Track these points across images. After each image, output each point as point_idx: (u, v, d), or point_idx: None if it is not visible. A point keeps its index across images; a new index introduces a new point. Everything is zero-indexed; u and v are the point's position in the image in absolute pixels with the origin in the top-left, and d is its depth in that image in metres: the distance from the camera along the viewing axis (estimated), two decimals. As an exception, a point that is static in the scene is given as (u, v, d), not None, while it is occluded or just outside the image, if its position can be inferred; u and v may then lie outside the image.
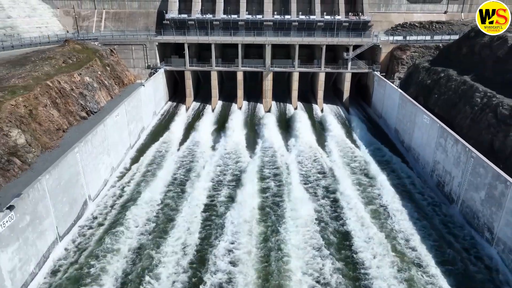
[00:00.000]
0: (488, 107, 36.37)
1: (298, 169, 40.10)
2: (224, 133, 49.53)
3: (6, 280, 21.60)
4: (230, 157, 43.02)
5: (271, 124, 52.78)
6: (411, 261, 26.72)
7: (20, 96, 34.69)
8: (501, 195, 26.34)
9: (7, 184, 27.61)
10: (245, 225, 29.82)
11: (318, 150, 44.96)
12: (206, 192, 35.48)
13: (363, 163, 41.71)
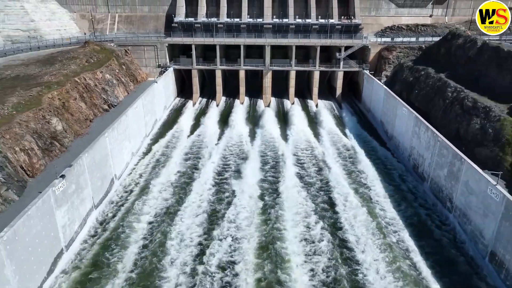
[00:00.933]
0: (457, 100, 41.75)
1: (293, 155, 45.56)
2: (228, 125, 55.05)
3: (60, 233, 27.08)
4: (234, 145, 48.56)
5: (270, 117, 58.27)
6: (385, 224, 32.19)
7: (55, 91, 40.13)
8: (458, 170, 31.80)
9: (51, 162, 33.10)
10: (248, 192, 35.66)
11: (312, 140, 50.43)
12: (214, 169, 41.33)
13: (351, 150, 47.16)
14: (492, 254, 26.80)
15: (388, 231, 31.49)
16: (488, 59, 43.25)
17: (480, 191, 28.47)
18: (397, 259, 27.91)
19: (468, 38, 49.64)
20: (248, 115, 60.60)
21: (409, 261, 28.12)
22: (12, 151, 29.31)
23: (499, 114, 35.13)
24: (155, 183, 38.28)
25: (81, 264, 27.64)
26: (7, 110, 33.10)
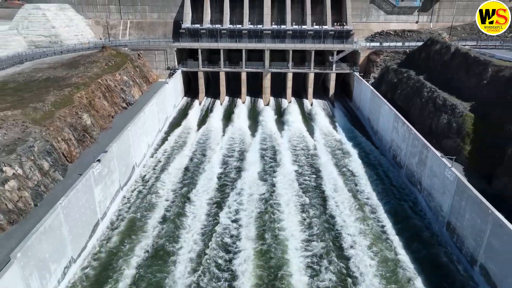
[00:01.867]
0: (431, 99, 47.56)
1: (289, 147, 51.51)
2: (231, 121, 61.03)
3: (97, 207, 33.01)
4: (237, 138, 54.56)
5: (269, 115, 64.29)
6: (363, 202, 38.08)
7: (83, 91, 46.05)
8: (425, 157, 37.71)
9: (83, 151, 39.08)
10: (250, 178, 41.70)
11: (306, 134, 56.39)
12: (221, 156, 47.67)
13: (340, 143, 53.10)
14: (448, 223, 32.69)
15: (366, 206, 37.37)
16: (459, 64, 49.05)
17: (440, 174, 34.37)
18: (371, 225, 33.88)
19: (444, 44, 55.45)
20: (249, 113, 66.54)
21: (381, 228, 34.06)
22: (56, 140, 35.26)
23: (462, 110, 40.98)
24: (170, 168, 44.49)
25: (113, 232, 33.51)
26: (47, 107, 38.99)
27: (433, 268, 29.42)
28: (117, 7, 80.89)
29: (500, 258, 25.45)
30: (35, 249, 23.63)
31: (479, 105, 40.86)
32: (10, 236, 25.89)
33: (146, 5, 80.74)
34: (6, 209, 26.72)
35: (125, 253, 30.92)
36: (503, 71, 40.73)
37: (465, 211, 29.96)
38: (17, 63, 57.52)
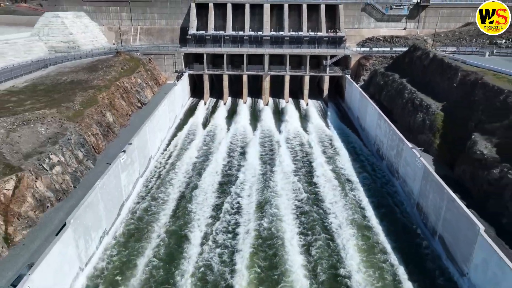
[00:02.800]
0: (410, 100, 53.41)
1: (285, 143, 57.34)
2: (234, 119, 66.93)
3: (122, 190, 38.93)
4: (240, 134, 60.45)
5: (268, 113, 70.20)
6: (348, 188, 43.94)
7: (104, 92, 51.93)
8: (401, 149, 43.58)
9: (108, 144, 45.02)
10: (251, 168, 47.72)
11: (301, 131, 62.27)
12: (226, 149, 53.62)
13: (331, 139, 58.95)
14: (418, 204, 38.57)
15: (349, 191, 43.20)
16: (435, 68, 54.97)
17: (412, 163, 40.25)
18: (351, 205, 39.83)
19: (425, 51, 61.36)
20: (250, 112, 72.44)
21: (360, 208, 39.94)
22: (87, 135, 41.19)
23: (435, 110, 46.89)
24: (181, 160, 50.43)
25: (136, 211, 39.38)
26: (77, 107, 44.84)
27: (404, 241, 35.16)
28: (128, 14, 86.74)
29: (452, 228, 31.33)
30: (82, 218, 29.52)
31: (449, 105, 46.82)
32: (58, 210, 31.87)
33: (155, 12, 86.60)
34: (54, 189, 32.67)
35: (147, 227, 36.79)
36: (469, 75, 46.65)
37: (429, 192, 35.85)
38: (42, 67, 63.35)
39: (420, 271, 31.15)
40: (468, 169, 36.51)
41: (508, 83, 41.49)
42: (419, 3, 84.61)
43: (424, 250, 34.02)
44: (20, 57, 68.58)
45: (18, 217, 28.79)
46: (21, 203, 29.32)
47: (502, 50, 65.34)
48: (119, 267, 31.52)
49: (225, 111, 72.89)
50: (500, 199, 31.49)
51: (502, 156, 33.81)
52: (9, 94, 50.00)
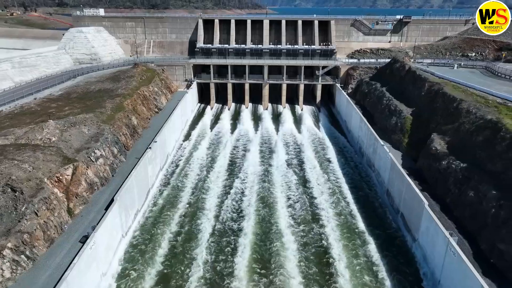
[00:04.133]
0: (387, 106, 61.89)
1: (281, 142, 65.88)
2: (238, 122, 75.55)
3: (149, 179, 47.44)
4: (243, 135, 69.07)
5: (267, 117, 78.78)
6: (333, 177, 52.42)
7: (128, 99, 60.53)
8: (376, 147, 52.04)
9: (134, 143, 53.55)
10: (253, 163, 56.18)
11: (295, 132, 70.83)
12: (232, 147, 61.98)
13: (321, 139, 67.45)
14: (387, 190, 46.94)
15: (333, 180, 51.71)
16: (409, 79, 63.47)
17: (384, 157, 48.66)
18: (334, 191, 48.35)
19: (402, 63, 69.93)
20: (251, 116, 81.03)
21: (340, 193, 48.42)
22: (119, 134, 49.75)
23: (405, 114, 55.36)
24: (194, 156, 59.06)
25: (160, 197, 47.82)
26: (109, 112, 53.42)
27: (375, 217, 43.55)
28: (143, 29, 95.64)
29: (408, 206, 39.73)
30: (123, 198, 37.99)
31: (417, 110, 55.30)
32: (102, 192, 40.33)
33: (166, 27, 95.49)
34: (99, 176, 41.20)
35: (169, 208, 45.24)
36: (434, 86, 55.17)
37: (395, 180, 44.29)
38: (71, 77, 72.10)
39: (385, 239, 39.46)
40: (426, 161, 44.96)
41: (462, 93, 50.02)
42: (402, 19, 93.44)
43: (389, 224, 42.44)
44: (51, 68, 77.45)
45: (75, 196, 37.29)
46: (77, 185, 37.85)
47: (470, 63, 73.75)
48: (150, 236, 39.93)
49: (229, 115, 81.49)
50: (446, 184, 39.89)
51: (450, 151, 42.31)
52: (49, 101, 58.77)
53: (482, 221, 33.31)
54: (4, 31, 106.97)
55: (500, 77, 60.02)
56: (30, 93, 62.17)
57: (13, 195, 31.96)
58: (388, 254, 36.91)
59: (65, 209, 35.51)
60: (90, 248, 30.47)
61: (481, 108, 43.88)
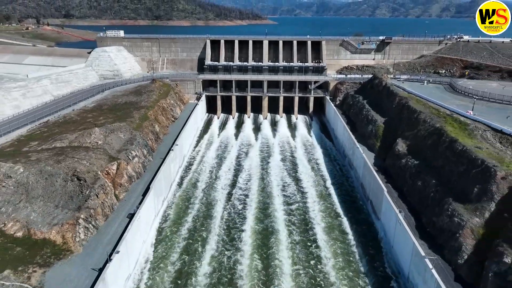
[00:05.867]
0: (366, 116, 72.78)
1: (278, 146, 76.78)
2: (241, 129, 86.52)
3: (172, 174, 58.23)
4: (245, 140, 80.00)
5: (266, 125, 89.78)
6: (319, 175, 63.20)
7: (151, 110, 71.53)
8: (354, 149, 62.84)
9: (157, 146, 64.45)
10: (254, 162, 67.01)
11: (290, 138, 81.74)
12: (236, 150, 72.93)
13: (312, 144, 78.34)
14: (361, 183, 57.63)
15: (319, 176, 62.43)
16: (385, 93, 74.47)
17: (359, 157, 59.44)
18: (319, 183, 59.09)
19: (380, 79, 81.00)
20: (253, 124, 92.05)
21: (324, 185, 59.10)
22: (147, 139, 60.67)
23: (379, 123, 66.29)
24: (205, 157, 69.94)
25: (180, 189, 58.55)
26: (137, 121, 64.36)
27: (350, 204, 54.22)
28: (157, 48, 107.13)
29: (374, 194, 50.42)
30: (155, 187, 48.75)
31: (389, 120, 66.29)
32: (138, 184, 51.10)
33: (178, 47, 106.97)
34: (135, 171, 52.04)
35: (188, 196, 56.02)
36: (402, 100, 66.20)
37: (366, 175, 55.05)
38: (100, 91, 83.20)
39: (357, 220, 50.00)
40: (391, 160, 55.82)
41: (422, 106, 61.02)
42: (384, 40, 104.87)
43: (361, 208, 53.21)
44: (81, 83, 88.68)
45: (119, 185, 48.10)
46: (121, 177, 48.69)
47: (438, 79, 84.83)
48: (176, 216, 50.63)
49: (234, 123, 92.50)
50: (404, 177, 50.69)
51: (409, 152, 53.23)
52: (85, 112, 69.79)
53: (425, 203, 44.11)
54: (34, 49, 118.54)
55: (458, 92, 71.08)
56: (68, 105, 73.15)
57: (79, 183, 42.88)
58: (358, 229, 47.69)
59: (113, 194, 46.35)
60: (137, 220, 41.23)
61: (434, 118, 54.88)
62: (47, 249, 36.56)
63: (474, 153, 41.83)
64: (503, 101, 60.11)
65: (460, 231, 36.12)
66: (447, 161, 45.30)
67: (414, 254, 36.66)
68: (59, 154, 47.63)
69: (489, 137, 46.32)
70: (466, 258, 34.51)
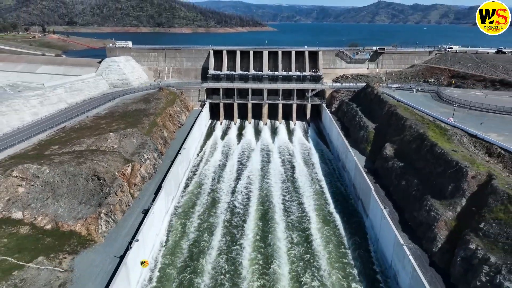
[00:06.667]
0: (358, 122, 77.80)
1: (277, 150, 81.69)
2: (242, 135, 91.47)
3: (179, 176, 63.09)
4: (247, 144, 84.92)
5: (266, 131, 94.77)
6: (315, 176, 68.02)
7: (159, 117, 76.56)
8: (347, 153, 67.72)
9: (166, 150, 69.39)
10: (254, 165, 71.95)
11: (289, 143, 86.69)
12: (238, 154, 77.75)
13: (309, 148, 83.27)
14: (353, 184, 62.42)
15: (315, 177, 67.27)
16: (376, 101, 79.54)
17: (352, 160, 64.31)
18: (315, 183, 63.93)
19: (372, 88, 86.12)
20: (253, 129, 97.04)
21: (320, 187, 63.89)
22: (157, 144, 65.66)
23: (370, 129, 71.24)
24: (210, 160, 74.79)
25: (187, 189, 63.38)
26: (147, 127, 69.36)
27: (343, 201, 59.02)
28: (164, 58, 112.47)
29: (364, 193, 55.22)
30: (166, 186, 53.63)
31: (379, 126, 71.26)
32: (150, 184, 55.96)
33: (183, 57, 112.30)
34: (147, 172, 56.94)
35: (195, 195, 60.84)
36: (391, 107, 71.23)
37: (357, 176, 59.89)
38: (111, 99, 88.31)
39: (348, 217, 54.72)
40: (380, 163, 60.71)
41: (409, 113, 66.01)
42: (377, 50, 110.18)
43: (352, 206, 58.02)
44: (92, 92, 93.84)
45: (134, 185, 52.98)
46: (135, 177, 53.60)
47: (426, 87, 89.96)
48: (183, 212, 55.45)
49: (236, 129, 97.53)
50: (390, 177, 55.55)
51: (395, 155, 58.15)
52: (98, 118, 74.76)
53: (407, 200, 48.94)
54: (46, 59, 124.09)
55: (443, 100, 76.15)
56: (82, 112, 78.21)
57: (99, 182, 47.81)
58: (349, 223, 52.55)
59: (128, 192, 51.23)
60: (151, 215, 46.08)
61: (418, 125, 59.87)
62: (74, 239, 41.35)
63: (451, 155, 46.74)
64: (482, 108, 65.19)
65: (436, 224, 40.92)
66: (427, 163, 50.20)
67: (395, 244, 41.43)
68: (79, 156, 52.57)
69: (465, 142, 51.28)
70: (440, 247, 39.29)
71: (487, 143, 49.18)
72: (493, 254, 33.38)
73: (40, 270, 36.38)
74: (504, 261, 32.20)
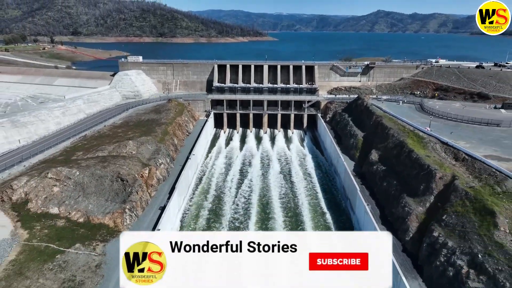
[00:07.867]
0: (349, 131, 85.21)
1: (276, 156, 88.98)
2: (244, 142, 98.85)
3: (189, 178, 70.36)
4: (248, 151, 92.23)
5: (266, 139, 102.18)
6: (309, 179, 75.23)
7: (170, 126, 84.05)
8: (338, 158, 74.96)
9: (176, 155, 76.72)
10: (255, 169, 79.19)
11: (286, 150, 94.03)
12: (240, 160, 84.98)
13: (304, 155, 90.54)
14: (343, 186, 69.56)
15: (309, 180, 74.44)
16: (365, 112, 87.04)
17: (342, 165, 71.50)
18: (309, 185, 71.00)
19: (363, 100, 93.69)
20: (255, 138, 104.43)
21: (313, 189, 71.00)
22: (169, 150, 73.03)
23: (359, 137, 78.61)
24: (215, 165, 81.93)
25: (196, 190, 70.49)
26: (160, 135, 76.75)
27: (334, 201, 66.10)
28: (172, 71, 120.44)
29: (351, 193, 62.33)
30: (179, 187, 60.81)
31: (367, 134, 78.63)
32: (164, 185, 63.19)
33: (190, 70, 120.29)
34: (162, 175, 64.22)
35: (203, 196, 67.96)
36: (378, 118, 78.69)
37: (346, 179, 67.05)
38: (125, 110, 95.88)
39: (338, 215, 61.77)
40: (366, 167, 67.96)
41: (392, 123, 73.40)
42: (369, 65, 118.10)
43: (341, 205, 65.02)
44: (107, 103, 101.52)
45: (151, 186, 60.25)
46: (151, 179, 60.89)
47: (412, 99, 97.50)
48: (194, 211, 62.57)
49: (238, 137, 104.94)
50: (374, 180, 62.76)
51: (379, 160, 65.45)
52: (115, 127, 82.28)
53: (388, 199, 56.13)
54: (62, 72, 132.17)
55: (425, 112, 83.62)
56: (100, 122, 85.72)
57: (122, 183, 55.12)
58: (338, 220, 59.59)
59: (147, 192, 58.48)
60: (167, 211, 53.27)
61: (400, 133, 67.26)
62: (103, 230, 48.49)
63: (424, 160, 54.05)
64: (457, 119, 72.62)
65: (408, 217, 48.09)
66: (405, 167, 57.49)
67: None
68: (103, 161, 59.96)
69: (438, 148, 58.59)
70: (411, 236, 46.40)
71: (455, 149, 56.44)
72: (450, 239, 40.52)
73: (79, 254, 43.54)
74: (459, 245, 39.32)
